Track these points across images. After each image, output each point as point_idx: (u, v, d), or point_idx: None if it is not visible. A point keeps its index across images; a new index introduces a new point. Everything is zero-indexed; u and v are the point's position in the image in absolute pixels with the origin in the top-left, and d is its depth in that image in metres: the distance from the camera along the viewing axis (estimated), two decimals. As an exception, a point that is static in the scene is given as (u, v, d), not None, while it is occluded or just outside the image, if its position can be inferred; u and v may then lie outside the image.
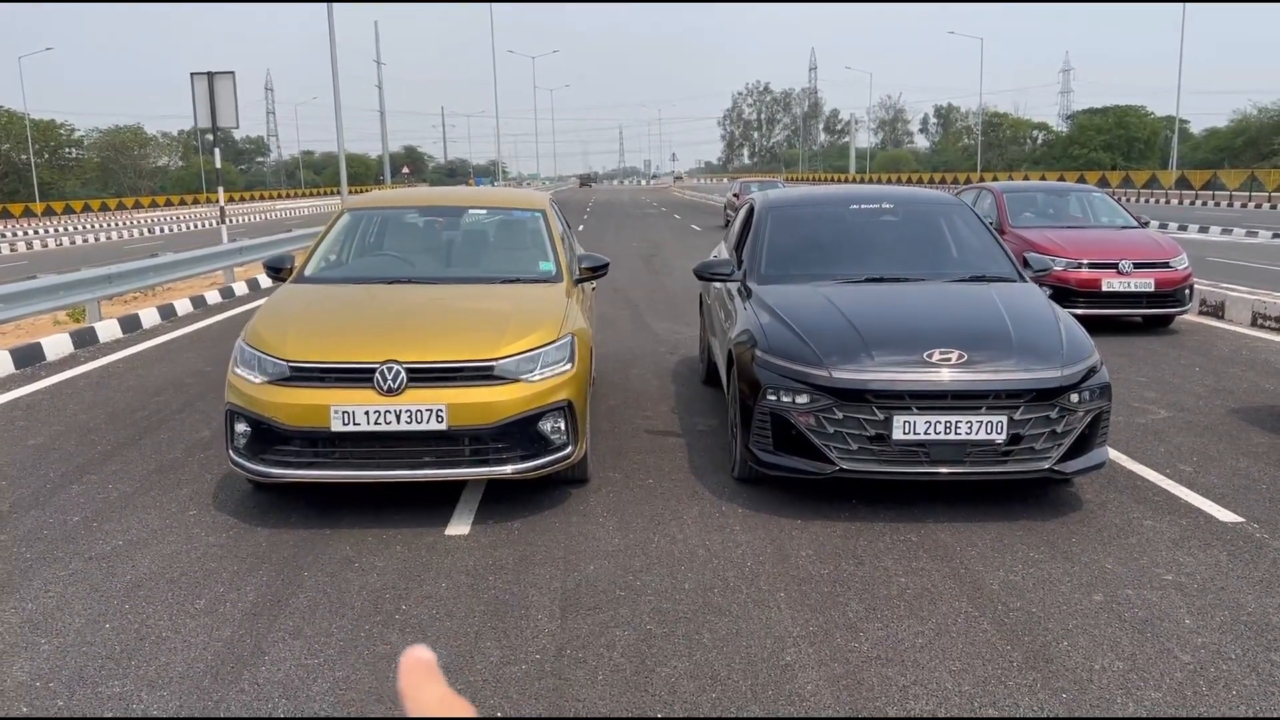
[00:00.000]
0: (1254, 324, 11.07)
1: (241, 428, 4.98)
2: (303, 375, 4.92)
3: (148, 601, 4.16)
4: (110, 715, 3.30)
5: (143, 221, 44.92)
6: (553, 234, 6.53)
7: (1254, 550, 4.65)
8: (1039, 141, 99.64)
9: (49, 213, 54.97)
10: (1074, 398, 5.00)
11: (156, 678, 3.53)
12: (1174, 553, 4.63)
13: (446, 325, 5.33)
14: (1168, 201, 44.57)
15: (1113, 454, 6.06)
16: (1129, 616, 3.97)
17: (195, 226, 39.81)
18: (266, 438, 4.92)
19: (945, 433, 4.86)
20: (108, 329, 11.07)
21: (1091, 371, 5.14)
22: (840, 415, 4.94)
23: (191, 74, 18.02)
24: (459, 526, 5.00)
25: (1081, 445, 5.07)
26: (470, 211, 7.05)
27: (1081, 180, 48.44)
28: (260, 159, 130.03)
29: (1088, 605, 4.07)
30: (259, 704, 3.35)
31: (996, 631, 3.84)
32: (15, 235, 37.41)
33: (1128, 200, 44.39)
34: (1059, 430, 4.97)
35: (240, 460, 4.99)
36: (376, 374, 4.84)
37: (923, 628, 3.87)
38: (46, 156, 72.75)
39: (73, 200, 62.46)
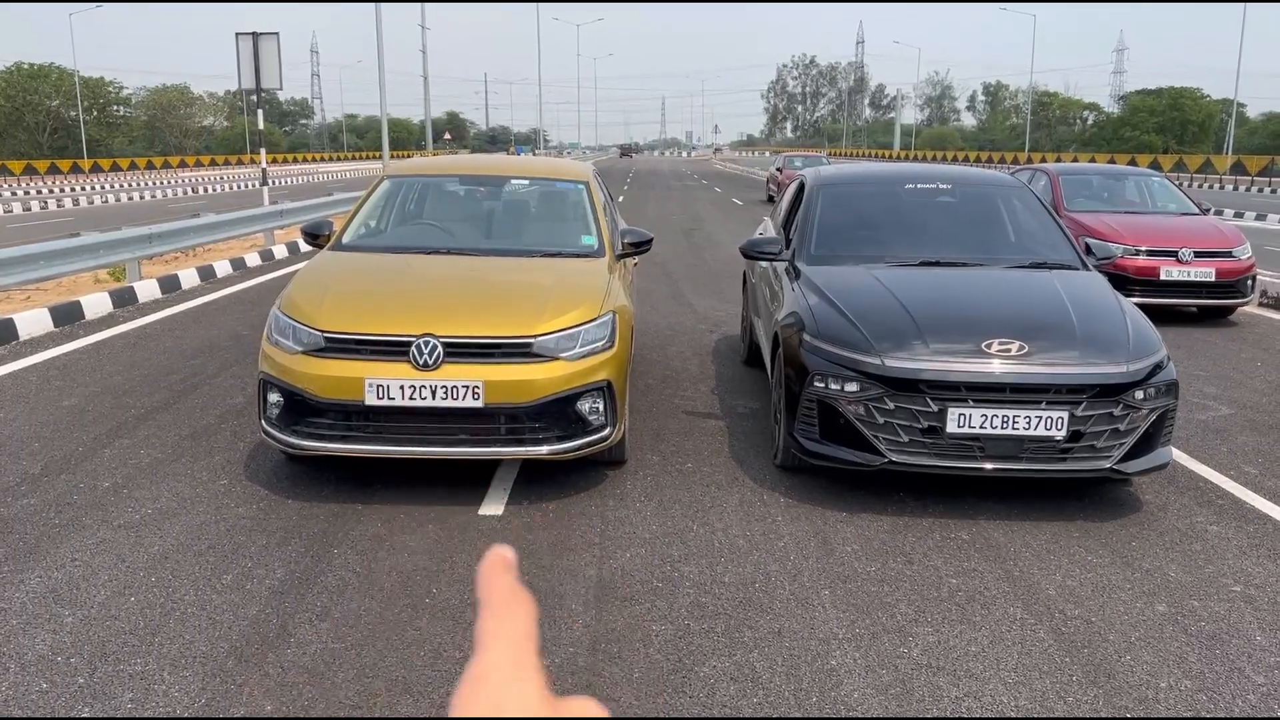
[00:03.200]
0: (1318, 318, 10.65)
1: (274, 398, 4.86)
2: (338, 346, 4.79)
3: (174, 575, 4.07)
4: (103, 713, 3.20)
5: (187, 181, 45.22)
6: (596, 207, 6.34)
7: (1327, 562, 4.40)
8: (1089, 122, 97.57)
9: (96, 169, 55.51)
10: (1139, 394, 4.75)
11: (179, 656, 3.42)
12: (1241, 561, 4.39)
13: (485, 300, 5.17)
14: (1222, 187, 43.39)
15: (1173, 453, 5.80)
16: (1195, 630, 3.75)
17: (238, 187, 40.00)
18: (299, 409, 4.80)
19: (1002, 427, 4.64)
20: (147, 289, 11.06)
21: (1158, 367, 4.88)
22: (891, 405, 4.73)
23: (236, 34, 17.94)
24: (493, 507, 4.86)
25: (1144, 444, 4.83)
26: (512, 181, 6.86)
27: (1132, 163, 47.26)
28: (304, 121, 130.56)
29: (1151, 616, 3.86)
30: (282, 689, 3.24)
31: (1054, 641, 3.64)
32: (63, 191, 37.82)
33: (1180, 185, 43.27)
34: (1122, 428, 4.73)
35: (272, 431, 4.88)
36: (413, 347, 4.70)
37: (976, 634, 3.68)
38: (95, 114, 73.41)
39: (120, 158, 63.07)
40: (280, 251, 15.53)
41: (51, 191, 38.20)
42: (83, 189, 39.49)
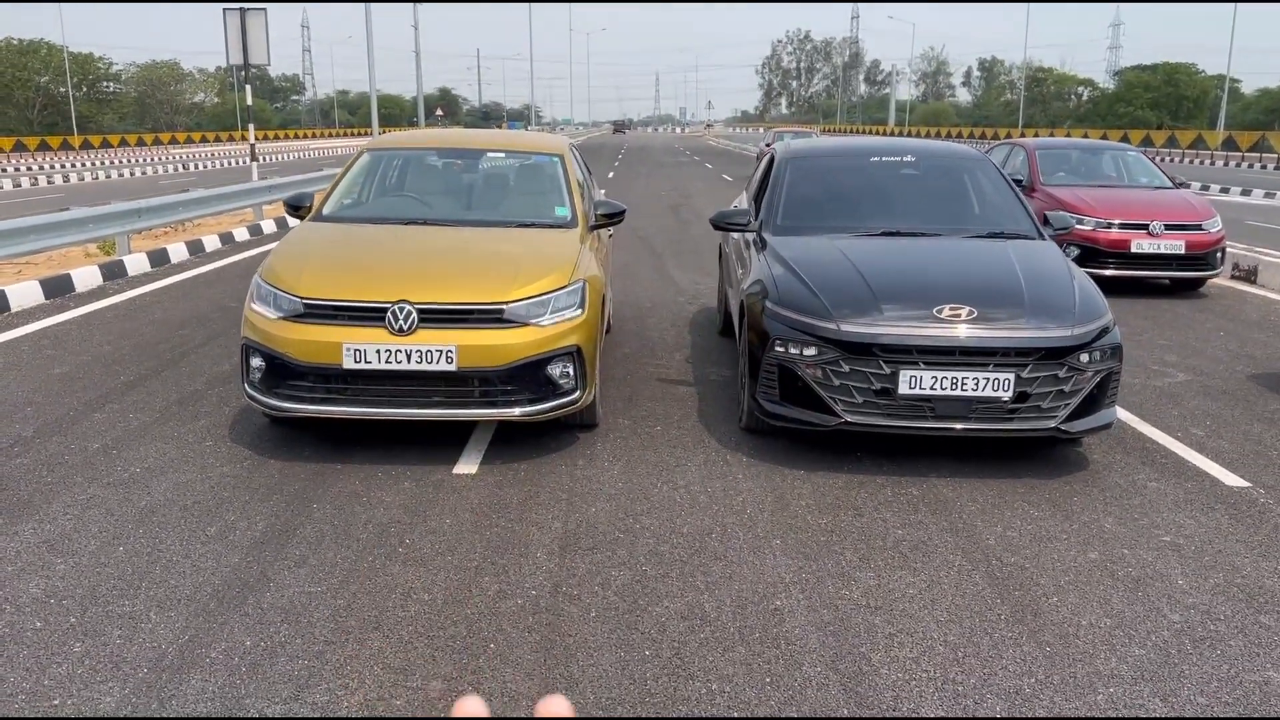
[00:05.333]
0: (1286, 290, 10.88)
1: (256, 362, 5.07)
2: (316, 312, 4.99)
3: (161, 527, 4.29)
4: (115, 712, 3.43)
5: (177, 157, 45.20)
6: (570, 179, 6.53)
7: (1257, 515, 4.65)
8: (1084, 98, 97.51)
9: (86, 146, 55.43)
10: (1084, 357, 4.98)
11: (165, 599, 3.65)
12: (1175, 514, 4.64)
13: (459, 267, 5.38)
14: (1213, 163, 43.58)
15: (1125, 416, 6.04)
16: (1122, 575, 3.99)
17: (228, 164, 40.01)
18: (280, 373, 5.01)
19: (951, 388, 4.86)
20: (136, 263, 11.23)
21: (1104, 332, 5.10)
22: (847, 368, 4.96)
23: (224, 9, 18.00)
24: (467, 466, 5.09)
25: (1089, 405, 5.06)
26: (489, 154, 7.05)
27: (1125, 139, 47.45)
28: (296, 97, 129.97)
29: (1082, 563, 4.10)
30: (261, 627, 3.46)
31: (988, 585, 3.88)
32: (53, 168, 37.81)
33: (1172, 161, 43.46)
34: (1067, 389, 4.95)
35: (255, 394, 5.09)
36: (388, 313, 4.90)
37: (915, 579, 3.92)
38: (85, 90, 73.12)
39: (110, 134, 62.91)
40: (268, 226, 15.69)
41: (42, 168, 38.20)
42: (73, 165, 39.48)
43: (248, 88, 19.36)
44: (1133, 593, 3.84)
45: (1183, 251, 10.34)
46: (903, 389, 4.89)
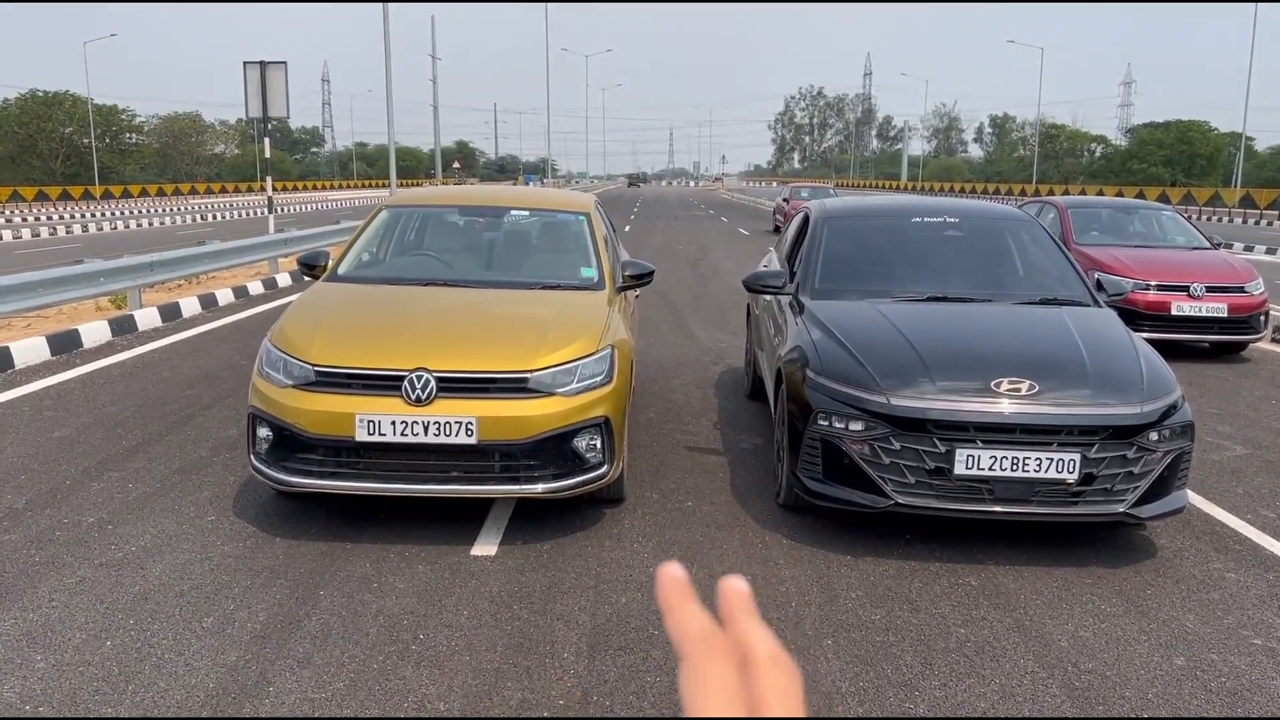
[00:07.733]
0: (1332, 355, 10.48)
1: (264, 433, 4.74)
2: (328, 381, 4.67)
3: (153, 617, 3.93)
4: (98, 748, 3.05)
5: (196, 208, 45.43)
6: (596, 238, 6.23)
7: (1351, 613, 4.23)
8: (1097, 154, 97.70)
9: (107, 196, 55.81)
10: (1153, 436, 4.60)
11: (151, 707, 3.28)
12: (1262, 612, 4.22)
13: (481, 333, 5.06)
14: (1231, 220, 43.27)
15: (1189, 496, 5.63)
16: (1215, 686, 3.58)
17: (246, 214, 40.14)
18: (289, 444, 4.68)
19: (1012, 469, 4.49)
20: (147, 317, 10.98)
21: (1173, 408, 4.73)
22: (897, 445, 4.59)
23: (244, 63, 17.99)
24: (486, 546, 4.72)
25: (1159, 487, 4.67)
26: (512, 212, 6.77)
27: (1140, 196, 47.20)
28: (315, 149, 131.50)
29: (1169, 671, 3.69)
30: (258, 743, 3.09)
31: (1068, 698, 3.47)
32: (73, 218, 38.00)
33: (1189, 218, 43.19)
34: (1136, 471, 4.57)
35: (261, 467, 4.76)
36: (405, 382, 4.58)
37: (985, 689, 3.52)
38: (108, 141, 73.95)
39: (131, 184, 63.44)
40: (284, 280, 15.47)
41: (61, 218, 38.39)
42: (92, 215, 39.68)
43: (265, 140, 19.31)
44: (1231, 708, 3.43)
45: (1225, 314, 9.96)
46: (959, 469, 4.51)
